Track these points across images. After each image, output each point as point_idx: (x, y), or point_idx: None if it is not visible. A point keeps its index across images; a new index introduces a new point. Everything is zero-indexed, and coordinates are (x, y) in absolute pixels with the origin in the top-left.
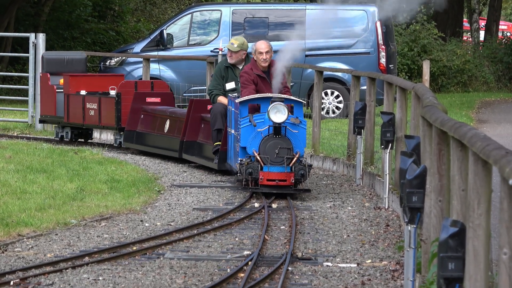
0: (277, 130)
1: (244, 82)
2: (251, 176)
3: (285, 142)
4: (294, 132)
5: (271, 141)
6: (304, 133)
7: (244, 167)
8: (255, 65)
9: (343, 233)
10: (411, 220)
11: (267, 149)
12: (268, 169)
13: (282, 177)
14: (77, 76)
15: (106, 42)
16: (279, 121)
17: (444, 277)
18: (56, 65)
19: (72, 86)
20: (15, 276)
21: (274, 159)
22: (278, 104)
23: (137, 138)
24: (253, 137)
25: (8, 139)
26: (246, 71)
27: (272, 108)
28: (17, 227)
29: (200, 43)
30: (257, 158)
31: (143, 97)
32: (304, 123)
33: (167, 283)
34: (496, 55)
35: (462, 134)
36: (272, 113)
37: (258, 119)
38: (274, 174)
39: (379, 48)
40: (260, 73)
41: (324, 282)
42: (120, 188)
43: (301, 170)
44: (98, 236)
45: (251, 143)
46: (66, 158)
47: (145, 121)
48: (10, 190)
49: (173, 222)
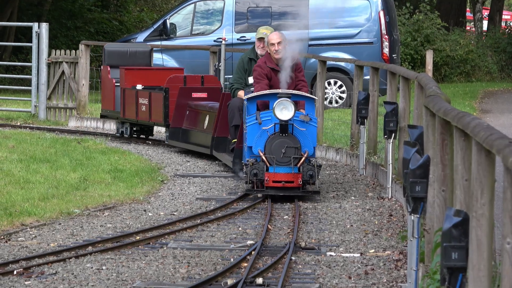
0: (283, 128)
1: (256, 77)
2: (256, 178)
3: (292, 140)
4: (302, 130)
5: (277, 140)
6: (314, 131)
7: (249, 168)
8: (269, 58)
9: (346, 223)
10: (415, 210)
11: (273, 149)
12: (274, 170)
13: (289, 178)
14: (133, 69)
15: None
16: (285, 118)
17: (448, 267)
18: (118, 58)
19: (127, 80)
20: (18, 265)
21: (281, 159)
22: (284, 100)
23: (182, 136)
24: (259, 136)
25: (11, 128)
26: (260, 64)
27: (278, 104)
28: (20, 216)
29: (203, 33)
30: (263, 158)
31: (189, 92)
32: (315, 120)
33: (171, 273)
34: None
35: (465, 123)
36: (277, 110)
37: (265, 117)
38: (280, 175)
39: (382, 38)
40: (274, 66)
41: (327, 271)
42: (123, 178)
43: (309, 171)
44: (101, 225)
45: (257, 142)
46: (69, 148)
47: (190, 117)
48: (13, 180)
49: (176, 211)
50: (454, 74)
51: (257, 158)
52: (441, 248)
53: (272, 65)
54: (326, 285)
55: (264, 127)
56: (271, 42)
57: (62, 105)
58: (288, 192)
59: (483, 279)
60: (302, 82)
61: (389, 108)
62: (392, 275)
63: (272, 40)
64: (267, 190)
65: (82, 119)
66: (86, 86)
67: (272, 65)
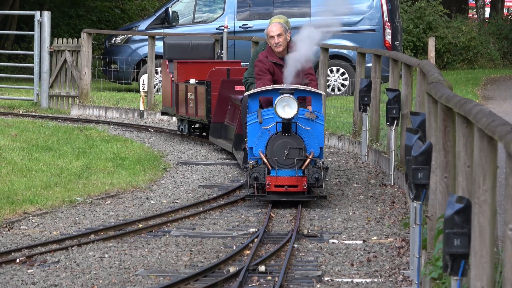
0: (286, 127)
1: (258, 72)
2: (257, 182)
3: (296, 141)
4: (307, 129)
5: (279, 141)
6: (320, 130)
7: (249, 171)
8: (271, 52)
9: (349, 210)
10: (417, 197)
11: (274, 150)
12: (276, 173)
13: (293, 182)
14: (186, 62)
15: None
16: (287, 116)
17: (450, 254)
18: (179, 51)
19: (180, 74)
20: (21, 253)
21: (283, 161)
22: (287, 96)
23: (224, 132)
24: (260, 136)
25: (13, 117)
26: (260, 59)
27: (280, 101)
28: (23, 205)
29: (206, 21)
30: (264, 161)
31: (232, 85)
32: (322, 118)
33: (173, 261)
34: (502, 32)
35: (467, 110)
36: (279, 107)
37: (267, 115)
38: (283, 178)
39: (385, 25)
40: (276, 60)
41: (330, 259)
42: (126, 166)
43: (315, 174)
44: (104, 213)
45: (258, 143)
46: (71, 136)
47: (232, 112)
48: (16, 168)
49: (178, 199)
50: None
51: (258, 160)
52: (443, 235)
53: (274, 59)
54: (329, 273)
55: (265, 126)
56: (270, 34)
57: (65, 94)
58: (292, 197)
59: (485, 266)
60: (310, 75)
61: (392, 95)
62: (394, 262)
63: (271, 33)
64: (269, 196)
65: (85, 107)
66: (89, 74)
67: (274, 59)
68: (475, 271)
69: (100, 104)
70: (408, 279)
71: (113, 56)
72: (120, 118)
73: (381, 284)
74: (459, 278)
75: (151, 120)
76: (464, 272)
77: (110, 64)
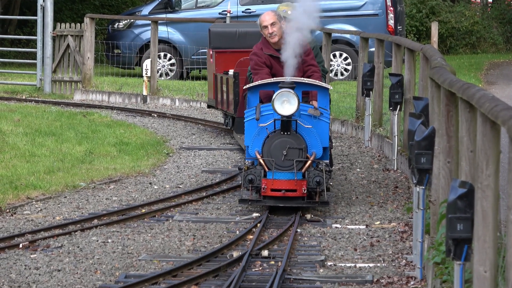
0: (285, 125)
1: (253, 67)
2: (252, 185)
3: (296, 140)
4: (308, 128)
5: (277, 140)
6: (325, 128)
7: (243, 173)
8: (266, 43)
9: (352, 195)
10: (420, 182)
11: (272, 150)
12: (273, 175)
13: (291, 186)
14: (225, 52)
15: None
16: (286, 113)
17: (453, 238)
18: (225, 40)
19: (219, 64)
20: (24, 238)
21: (281, 162)
22: (286, 91)
23: None
24: (256, 134)
25: (16, 102)
26: (255, 52)
27: (278, 96)
28: (26, 190)
29: (209, 5)
30: (260, 162)
31: None
32: (327, 115)
33: (176, 245)
34: (505, 17)
35: (470, 95)
36: (277, 103)
37: (267, 111)
38: (280, 182)
39: (387, 9)
40: (272, 52)
41: (333, 243)
42: (129, 151)
43: (317, 177)
44: (107, 198)
45: (254, 142)
46: (74, 121)
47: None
48: (19, 153)
49: (181, 184)
50: (459, 45)
51: (255, 160)
52: (446, 220)
53: (270, 51)
54: (332, 257)
55: (261, 123)
56: (263, 24)
57: (68, 79)
58: (290, 203)
59: (488, 250)
60: (312, 67)
61: (395, 80)
62: (397, 247)
63: (264, 22)
64: (264, 201)
65: (88, 92)
66: (92, 59)
67: (271, 51)
68: (478, 256)
69: (103, 89)
70: (411, 263)
71: (116, 41)
72: (123, 103)
73: (384, 268)
74: (462, 262)
75: (154, 105)
76: (467, 256)
77: (113, 49)
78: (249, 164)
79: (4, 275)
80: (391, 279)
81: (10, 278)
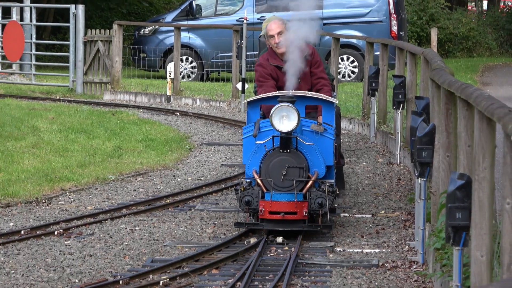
0: (284, 142)
1: (258, 79)
2: (249, 207)
3: (296, 159)
4: (310, 145)
5: (275, 158)
6: (329, 145)
7: (239, 194)
8: (272, 54)
9: (359, 186)
10: (421, 174)
11: (270, 169)
12: (271, 197)
13: (291, 209)
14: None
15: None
16: (285, 129)
17: (452, 226)
18: None
19: None
20: (58, 226)
21: (280, 183)
22: (285, 106)
23: None
24: (254, 152)
25: (51, 102)
26: (261, 63)
27: (277, 112)
28: (60, 182)
29: (227, 13)
30: (258, 182)
31: None
32: (331, 131)
33: (198, 233)
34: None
35: (468, 94)
36: (276, 118)
37: (267, 127)
38: (279, 204)
39: (391, 16)
40: (279, 64)
41: (342, 231)
42: (154, 146)
43: (319, 198)
44: (134, 190)
45: (252, 160)
46: (104, 119)
47: None
48: (54, 149)
49: (202, 177)
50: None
51: (252, 181)
52: (446, 209)
53: (276, 62)
54: (341, 243)
55: (259, 141)
56: (270, 33)
57: (98, 80)
58: (290, 227)
59: (485, 237)
60: (322, 80)
61: (398, 81)
62: (401, 234)
63: (271, 31)
64: (262, 224)
65: (116, 93)
66: (120, 63)
67: (277, 62)
68: (475, 242)
69: (130, 90)
70: (413, 249)
71: (142, 46)
72: (148, 102)
73: (388, 253)
74: (461, 248)
75: (177, 104)
76: (465, 242)
77: (139, 53)
78: (246, 184)
79: (41, 259)
80: (395, 263)
81: (46, 262)
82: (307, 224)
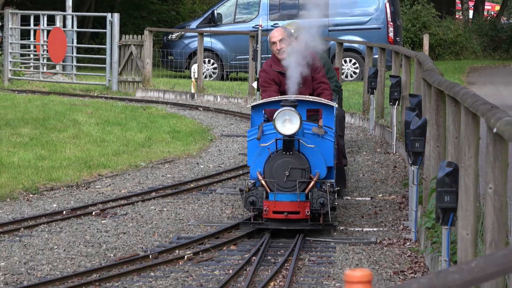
0: (286, 145)
1: (262, 84)
2: (253, 207)
3: (299, 160)
4: (311, 147)
5: (279, 160)
6: (329, 147)
7: (245, 194)
8: (275, 60)
9: (359, 173)
10: (414, 162)
11: (274, 171)
12: (275, 197)
13: (294, 208)
14: None
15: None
16: (288, 132)
17: (441, 208)
18: None
19: None
20: (96, 207)
21: (284, 183)
22: (287, 110)
23: None
24: (258, 154)
25: (90, 98)
26: (264, 69)
27: (280, 115)
28: (98, 168)
29: (244, 21)
30: (262, 183)
31: None
32: (331, 133)
33: (218, 213)
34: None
35: (455, 92)
36: (279, 122)
37: (270, 130)
38: (282, 204)
39: (388, 24)
40: (281, 69)
41: (344, 212)
42: (180, 137)
43: (320, 198)
44: (162, 176)
45: (256, 162)
46: (136, 114)
47: None
48: (92, 139)
49: (222, 164)
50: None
51: (257, 182)
52: (436, 193)
53: (279, 68)
54: (343, 223)
55: (263, 143)
56: (272, 40)
57: (131, 79)
58: (293, 226)
59: (470, 218)
60: (323, 84)
61: (394, 81)
62: (396, 215)
63: (273, 38)
64: (266, 223)
65: (147, 91)
66: (150, 64)
67: (279, 68)
68: (462, 222)
69: (159, 88)
70: (407, 228)
71: (170, 49)
72: (175, 99)
73: (385, 232)
74: (449, 227)
75: (200, 100)
76: (452, 222)
77: (167, 56)
78: (251, 185)
79: (80, 236)
80: (391, 240)
81: (85, 239)
82: (309, 223)
